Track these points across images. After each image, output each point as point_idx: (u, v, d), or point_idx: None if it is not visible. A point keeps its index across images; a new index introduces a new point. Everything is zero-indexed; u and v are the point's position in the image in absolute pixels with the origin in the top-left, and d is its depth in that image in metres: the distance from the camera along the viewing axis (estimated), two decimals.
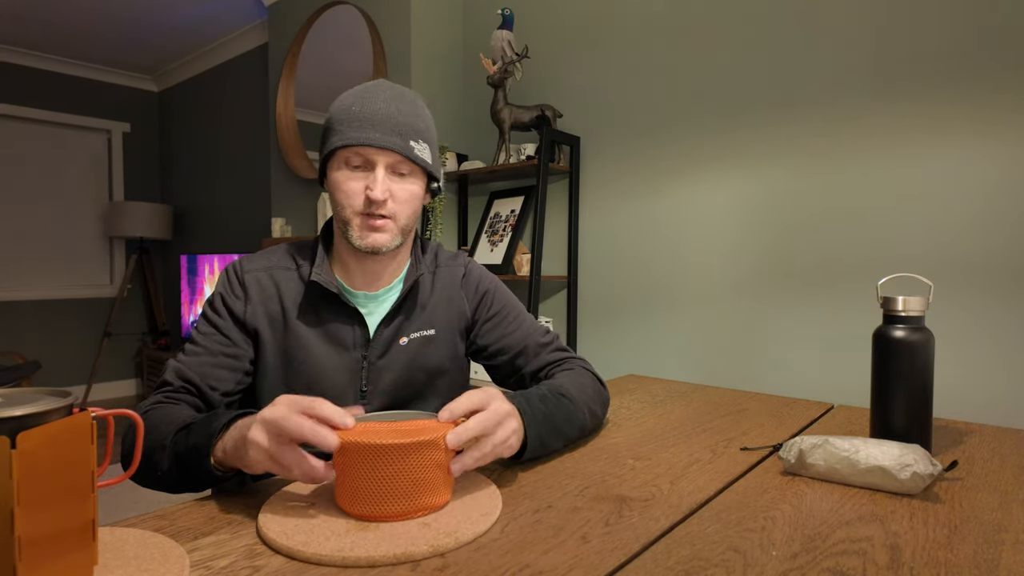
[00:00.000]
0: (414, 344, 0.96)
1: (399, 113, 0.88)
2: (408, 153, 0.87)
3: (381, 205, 0.87)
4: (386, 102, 0.88)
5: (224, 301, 0.92)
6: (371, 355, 0.94)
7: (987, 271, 1.46)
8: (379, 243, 0.89)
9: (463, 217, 2.62)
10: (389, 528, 0.60)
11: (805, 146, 1.74)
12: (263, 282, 0.93)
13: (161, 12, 3.52)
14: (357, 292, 0.95)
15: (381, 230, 0.88)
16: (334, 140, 0.88)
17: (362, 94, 0.89)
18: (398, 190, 0.89)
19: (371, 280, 0.95)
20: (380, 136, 0.86)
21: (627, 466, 0.81)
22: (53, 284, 4.34)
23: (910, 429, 0.83)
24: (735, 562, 0.55)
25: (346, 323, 0.93)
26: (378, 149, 0.86)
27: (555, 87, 2.34)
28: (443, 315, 0.99)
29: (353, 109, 0.87)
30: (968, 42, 1.48)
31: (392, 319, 0.95)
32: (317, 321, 0.93)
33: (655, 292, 2.06)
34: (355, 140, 0.85)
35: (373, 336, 0.94)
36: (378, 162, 0.87)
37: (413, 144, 0.88)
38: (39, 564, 0.45)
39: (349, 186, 0.88)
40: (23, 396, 0.49)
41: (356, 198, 0.87)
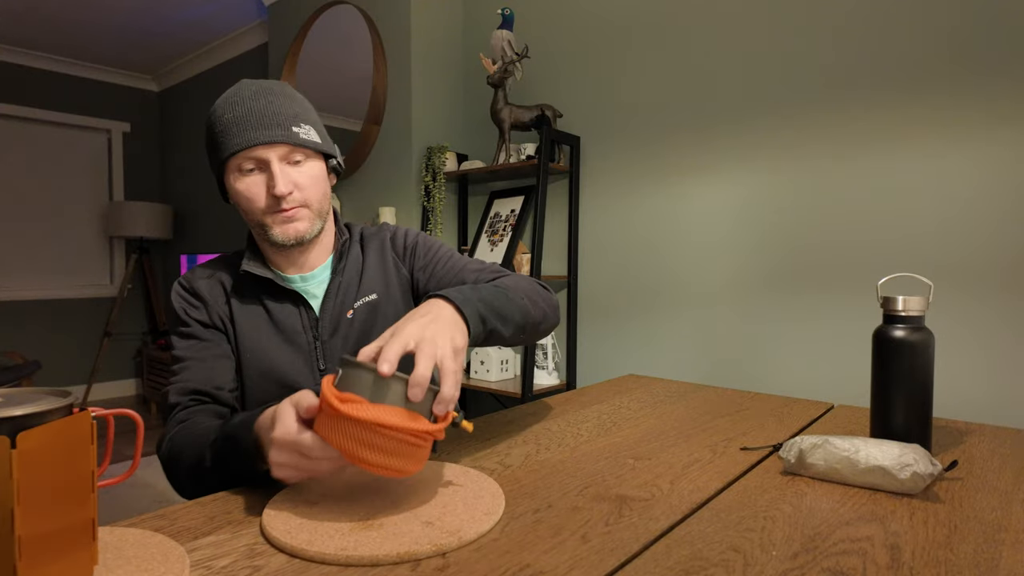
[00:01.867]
0: (360, 313, 0.97)
1: (270, 104, 0.88)
2: (294, 140, 0.88)
3: (287, 198, 0.87)
4: (253, 99, 0.88)
5: (187, 314, 0.94)
6: (322, 334, 0.95)
7: (987, 271, 1.46)
8: (301, 231, 0.90)
9: (463, 217, 2.62)
10: (393, 527, 0.60)
11: (806, 146, 1.74)
12: (211, 287, 0.96)
13: (161, 12, 3.52)
14: (292, 276, 0.97)
15: (297, 219, 0.89)
16: (219, 154, 0.88)
17: (229, 101, 0.89)
18: (299, 177, 0.89)
19: (301, 265, 0.97)
20: (261, 133, 0.86)
21: (627, 466, 0.81)
22: (53, 284, 4.34)
23: (910, 429, 0.83)
24: (735, 562, 0.55)
25: (291, 308, 0.95)
26: (265, 146, 0.86)
27: (555, 87, 2.34)
28: (381, 279, 1.00)
29: (225, 118, 0.87)
30: (968, 42, 1.48)
31: (333, 295, 0.96)
32: (264, 312, 0.94)
33: (655, 292, 2.06)
34: (239, 145, 0.86)
35: (320, 315, 0.95)
36: (270, 158, 0.87)
37: (296, 130, 0.88)
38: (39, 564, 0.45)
39: (251, 191, 0.88)
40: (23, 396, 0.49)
41: (261, 200, 0.88)
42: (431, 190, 2.45)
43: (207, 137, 0.91)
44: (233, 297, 0.95)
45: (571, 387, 2.24)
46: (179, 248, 4.63)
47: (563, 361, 2.33)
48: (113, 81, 4.55)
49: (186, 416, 0.86)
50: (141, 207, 4.21)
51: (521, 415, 1.09)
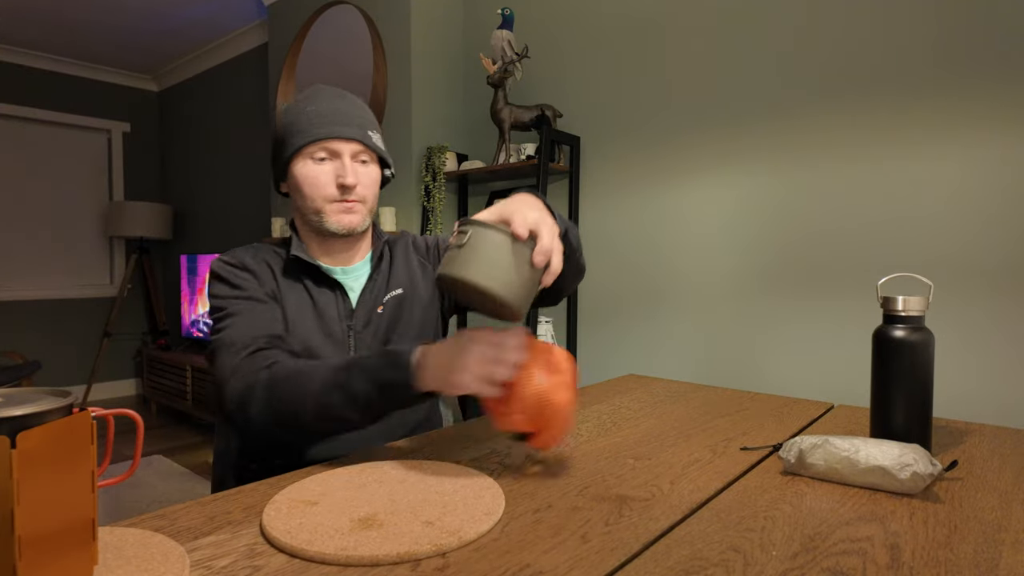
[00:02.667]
0: (389, 307, 1.03)
1: (350, 107, 0.98)
2: (368, 141, 0.97)
3: (352, 190, 0.95)
4: (337, 100, 0.97)
5: (237, 277, 0.95)
6: (356, 324, 1.00)
7: (987, 271, 1.46)
8: (353, 224, 0.97)
9: (463, 217, 2.62)
10: (393, 527, 0.60)
11: (806, 146, 1.74)
12: (257, 264, 0.98)
13: (161, 12, 3.52)
14: (335, 268, 1.02)
15: (353, 212, 0.97)
16: (298, 139, 0.94)
17: (311, 97, 0.97)
18: (363, 175, 0.97)
19: (343, 260, 1.03)
20: (343, 128, 0.95)
21: (627, 466, 0.81)
22: (53, 284, 4.34)
23: (910, 429, 0.83)
24: (735, 562, 0.55)
25: (331, 296, 0.99)
26: (344, 140, 0.94)
27: (555, 87, 2.34)
28: (406, 277, 1.07)
29: (309, 109, 0.95)
30: (968, 42, 1.48)
31: (370, 289, 1.02)
32: (308, 296, 0.98)
33: (655, 292, 2.06)
34: (322, 135, 0.93)
35: (356, 307, 1.01)
36: (343, 151, 0.95)
37: (370, 133, 0.98)
38: (39, 564, 0.45)
39: (320, 179, 0.95)
40: (23, 396, 0.49)
41: (327, 187, 0.95)
42: (431, 190, 2.45)
43: (281, 126, 0.97)
44: (281, 277, 0.98)
45: None
46: (179, 248, 4.63)
47: None
48: (113, 81, 4.55)
49: (273, 356, 0.85)
50: (141, 207, 4.21)
51: None
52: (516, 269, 0.68)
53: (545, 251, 0.69)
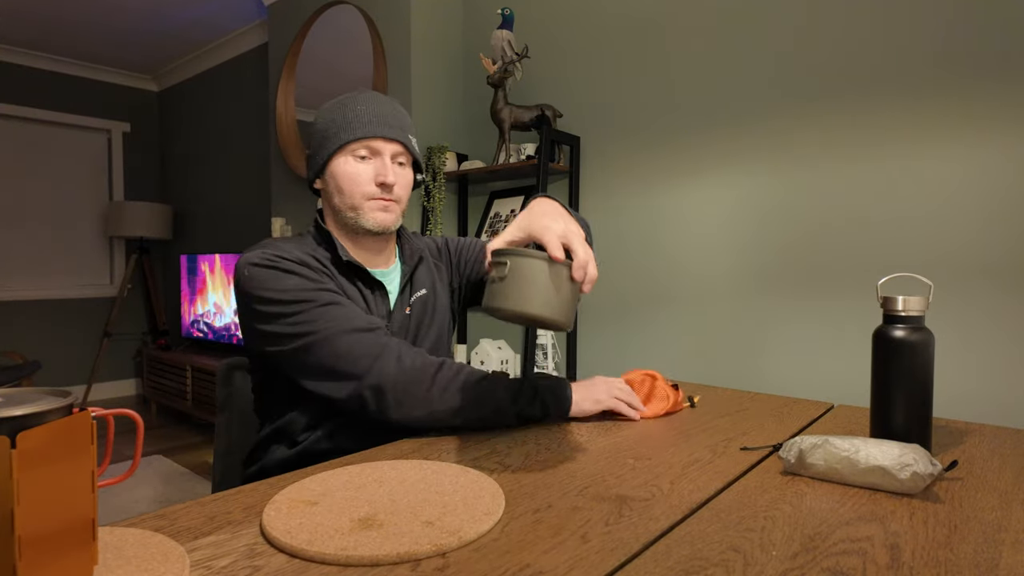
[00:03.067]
0: (416, 308, 1.07)
1: (394, 111, 1.01)
2: (409, 144, 1.01)
3: (391, 188, 0.98)
4: (381, 104, 1.01)
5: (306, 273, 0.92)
6: (392, 325, 1.03)
7: (987, 271, 1.46)
8: (388, 222, 1.00)
9: (463, 217, 2.62)
10: (393, 527, 0.60)
11: (806, 147, 1.74)
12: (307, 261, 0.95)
13: (161, 12, 3.52)
14: (375, 270, 1.05)
15: (389, 211, 1.00)
16: (342, 136, 0.97)
17: (355, 98, 1.00)
18: (400, 176, 1.01)
19: (372, 260, 1.05)
20: (387, 129, 0.98)
21: (627, 466, 0.81)
22: (53, 284, 4.34)
23: (910, 429, 0.83)
24: (735, 562, 0.55)
25: (376, 297, 1.03)
26: (386, 140, 0.98)
27: (555, 87, 2.34)
28: (428, 279, 1.11)
29: (356, 108, 0.98)
30: (967, 43, 1.48)
31: (403, 292, 1.06)
32: (360, 295, 1.01)
33: (655, 292, 2.06)
34: (367, 133, 0.97)
35: (394, 308, 1.05)
36: (385, 151, 0.98)
37: (410, 137, 1.02)
38: (39, 564, 0.45)
39: (360, 176, 0.98)
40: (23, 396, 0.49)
41: (366, 184, 0.98)
42: (431, 190, 2.45)
43: (324, 125, 1.00)
44: (338, 275, 0.99)
45: None
46: (179, 248, 4.63)
47: (563, 361, 2.33)
48: (113, 81, 4.55)
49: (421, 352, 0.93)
50: (141, 207, 4.21)
51: None
52: (558, 290, 0.72)
53: (582, 265, 0.71)
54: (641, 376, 1.13)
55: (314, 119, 1.04)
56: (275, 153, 3.17)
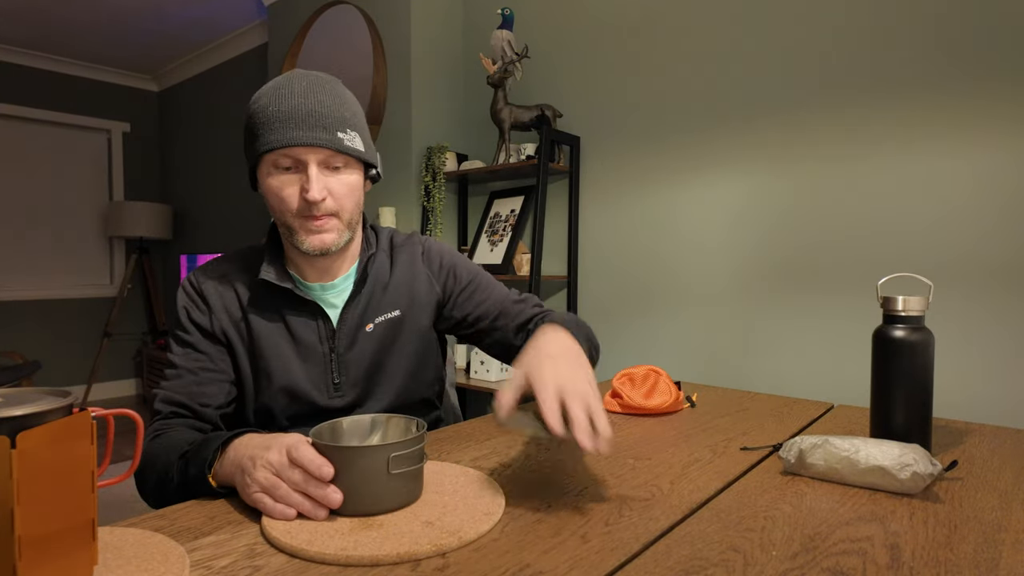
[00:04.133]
0: (380, 328, 0.94)
1: (320, 105, 0.83)
2: (338, 146, 0.83)
3: (320, 205, 0.83)
4: (304, 96, 0.83)
5: (189, 316, 0.92)
6: (338, 347, 0.92)
7: (987, 271, 1.46)
8: (327, 243, 0.86)
9: (463, 217, 2.62)
10: (393, 527, 0.60)
11: (806, 146, 1.74)
12: (221, 290, 0.92)
13: (161, 12, 3.52)
14: (312, 284, 0.93)
15: (325, 230, 0.85)
16: (258, 145, 0.83)
17: (278, 91, 0.84)
18: (335, 185, 0.85)
19: (323, 273, 0.93)
20: (305, 133, 0.81)
21: (627, 466, 0.81)
22: (53, 284, 4.34)
23: (910, 429, 0.83)
24: (735, 562, 0.55)
25: (307, 318, 0.91)
26: (306, 147, 0.82)
27: (555, 87, 2.34)
28: (407, 295, 0.97)
29: (270, 109, 0.82)
30: (967, 43, 1.48)
31: (353, 306, 0.93)
32: (279, 320, 0.91)
33: (655, 292, 2.06)
34: (279, 142, 0.81)
35: (337, 327, 0.92)
36: (309, 160, 0.82)
37: (341, 135, 0.84)
38: (39, 564, 0.45)
39: (284, 191, 0.84)
40: (23, 396, 0.49)
41: (292, 201, 0.84)
42: (431, 190, 2.45)
43: (247, 124, 0.86)
44: (249, 304, 0.91)
45: None
46: (179, 248, 4.63)
47: None
48: (113, 81, 4.55)
49: (162, 428, 0.84)
50: (141, 207, 4.21)
51: None
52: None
53: (582, 431, 0.61)
54: (645, 371, 1.13)
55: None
56: None
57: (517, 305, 1.01)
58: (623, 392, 1.10)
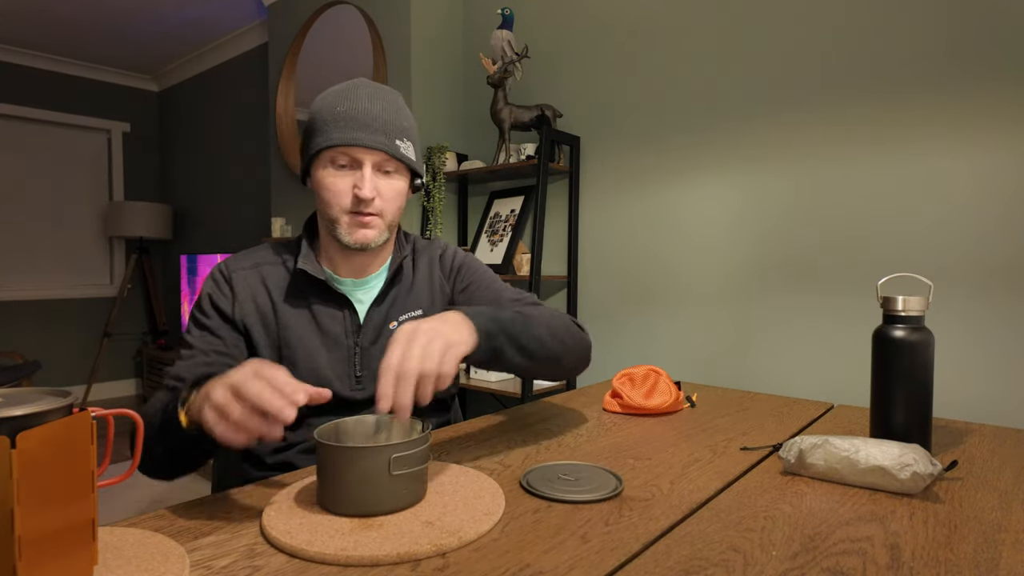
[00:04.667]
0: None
1: (383, 112, 0.90)
2: (394, 152, 0.90)
3: (369, 203, 0.89)
4: (370, 100, 0.90)
5: (212, 301, 0.94)
6: (363, 341, 0.95)
7: (987, 271, 1.46)
8: (368, 239, 0.91)
9: (463, 217, 2.62)
10: (393, 527, 0.60)
11: (805, 146, 1.74)
12: (250, 279, 0.95)
13: (161, 12, 3.52)
14: (344, 279, 0.97)
15: (369, 226, 0.91)
16: (319, 140, 0.89)
17: (345, 93, 0.90)
18: (384, 187, 0.91)
19: (358, 270, 0.98)
20: (367, 136, 0.88)
21: (627, 466, 0.81)
22: (53, 284, 4.34)
23: (910, 429, 0.83)
24: (735, 562, 0.55)
25: (336, 310, 0.95)
26: (365, 148, 0.88)
27: (555, 87, 2.34)
28: (427, 295, 1.02)
29: (338, 109, 0.88)
30: (967, 42, 1.48)
31: (380, 303, 0.97)
32: (307, 310, 0.95)
33: (655, 292, 2.06)
34: (342, 140, 0.87)
35: (364, 322, 0.96)
36: (365, 161, 0.89)
37: (399, 143, 0.91)
38: (39, 564, 0.45)
39: (336, 185, 0.89)
40: (23, 396, 0.49)
41: (344, 197, 0.90)
42: (431, 190, 2.45)
43: (310, 121, 0.92)
44: (279, 293, 0.95)
45: (571, 387, 2.24)
46: (179, 248, 4.63)
47: None
48: (113, 81, 4.55)
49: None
50: (141, 207, 4.21)
51: (521, 415, 1.09)
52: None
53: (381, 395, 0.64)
54: (645, 371, 1.13)
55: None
56: (275, 153, 3.17)
57: (510, 302, 1.02)
58: (623, 392, 1.10)
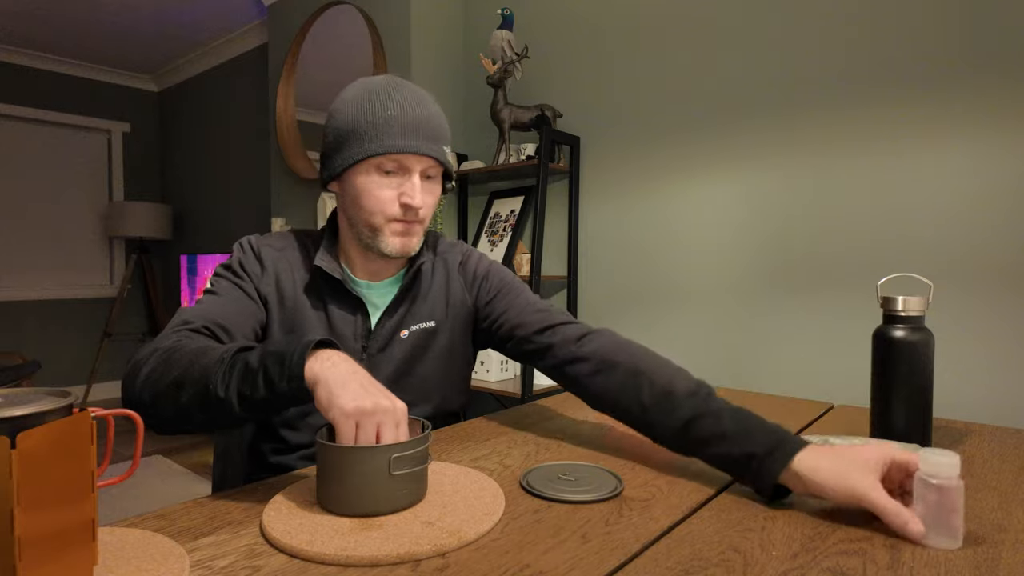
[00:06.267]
0: (414, 337, 0.95)
1: (431, 118, 0.87)
2: (442, 159, 0.88)
3: (417, 211, 0.87)
4: (418, 106, 0.87)
5: (243, 264, 0.92)
6: (371, 347, 0.93)
7: (987, 271, 1.46)
8: (411, 247, 0.90)
9: (463, 217, 2.62)
10: (393, 527, 0.60)
11: (805, 146, 1.74)
12: (277, 260, 0.94)
13: (161, 12, 3.52)
14: (360, 281, 0.96)
15: (412, 234, 0.89)
16: (370, 146, 0.85)
17: (387, 95, 0.86)
18: (427, 193, 0.89)
19: (374, 273, 0.96)
20: (421, 143, 0.85)
21: (627, 466, 0.81)
22: (53, 284, 4.34)
23: (910, 429, 0.83)
24: (735, 562, 0.55)
25: (348, 313, 0.93)
26: (417, 156, 0.86)
27: (555, 87, 2.34)
28: (442, 306, 0.98)
29: (387, 113, 0.85)
30: (966, 43, 1.48)
31: (394, 311, 0.94)
32: (321, 307, 0.93)
33: (655, 292, 2.07)
34: (397, 148, 0.84)
35: (375, 328, 0.93)
36: (415, 168, 0.86)
37: (445, 148, 0.89)
38: (39, 564, 0.45)
39: (383, 193, 0.86)
40: (23, 396, 0.49)
41: (390, 205, 0.86)
42: None
43: (346, 124, 0.87)
44: (298, 284, 0.93)
45: None
46: (179, 248, 4.63)
47: None
48: (113, 81, 4.55)
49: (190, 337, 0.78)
50: (141, 207, 4.21)
51: (521, 415, 1.09)
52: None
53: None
54: None
55: (334, 109, 0.89)
56: (275, 153, 3.16)
57: (537, 314, 0.97)
58: None
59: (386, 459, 0.62)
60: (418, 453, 0.64)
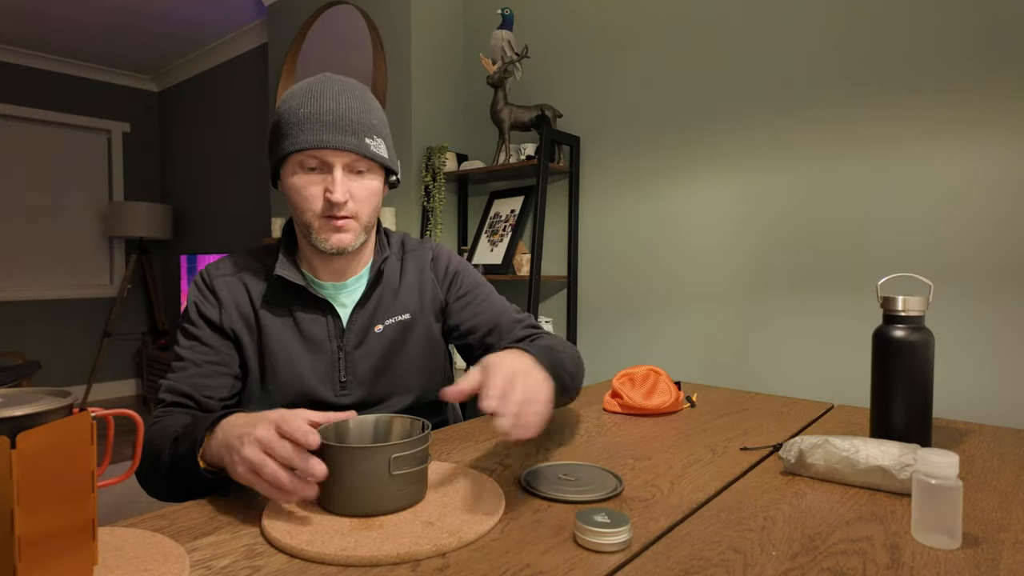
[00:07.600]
0: (390, 330, 0.96)
1: (350, 111, 0.86)
2: (364, 151, 0.86)
3: (342, 207, 0.86)
4: (335, 99, 0.86)
5: (199, 310, 0.93)
6: (346, 345, 0.94)
7: (987, 271, 1.46)
8: (344, 243, 0.89)
9: (463, 217, 2.62)
10: (393, 527, 0.60)
11: (806, 146, 1.74)
12: (232, 286, 0.94)
13: (161, 12, 3.52)
14: (325, 283, 0.96)
15: (344, 230, 0.88)
16: (286, 144, 0.86)
17: (309, 92, 0.86)
18: (357, 189, 0.88)
19: (338, 273, 0.96)
20: (334, 137, 0.84)
21: (627, 466, 0.81)
22: (53, 284, 4.34)
23: (910, 429, 0.83)
24: (735, 562, 0.55)
25: (318, 315, 0.93)
26: (334, 151, 0.85)
27: (555, 87, 2.34)
28: (416, 299, 0.99)
29: (301, 111, 0.85)
30: (965, 42, 1.48)
31: (364, 306, 0.95)
32: (289, 317, 0.93)
33: (655, 292, 2.07)
34: (309, 143, 0.84)
35: (347, 326, 0.94)
36: (335, 163, 0.85)
37: (368, 141, 0.87)
38: (39, 564, 0.45)
39: (308, 190, 0.86)
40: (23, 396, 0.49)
41: (315, 201, 0.87)
42: (431, 190, 2.45)
43: (276, 122, 0.88)
44: (260, 300, 0.93)
45: None
46: (179, 248, 4.63)
47: None
48: (113, 81, 4.55)
49: (162, 415, 0.85)
50: (141, 207, 4.21)
51: None
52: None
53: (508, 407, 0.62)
54: (645, 371, 1.13)
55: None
56: None
57: (513, 324, 1.01)
58: (623, 392, 1.10)
59: (386, 459, 0.62)
60: (418, 453, 0.64)
